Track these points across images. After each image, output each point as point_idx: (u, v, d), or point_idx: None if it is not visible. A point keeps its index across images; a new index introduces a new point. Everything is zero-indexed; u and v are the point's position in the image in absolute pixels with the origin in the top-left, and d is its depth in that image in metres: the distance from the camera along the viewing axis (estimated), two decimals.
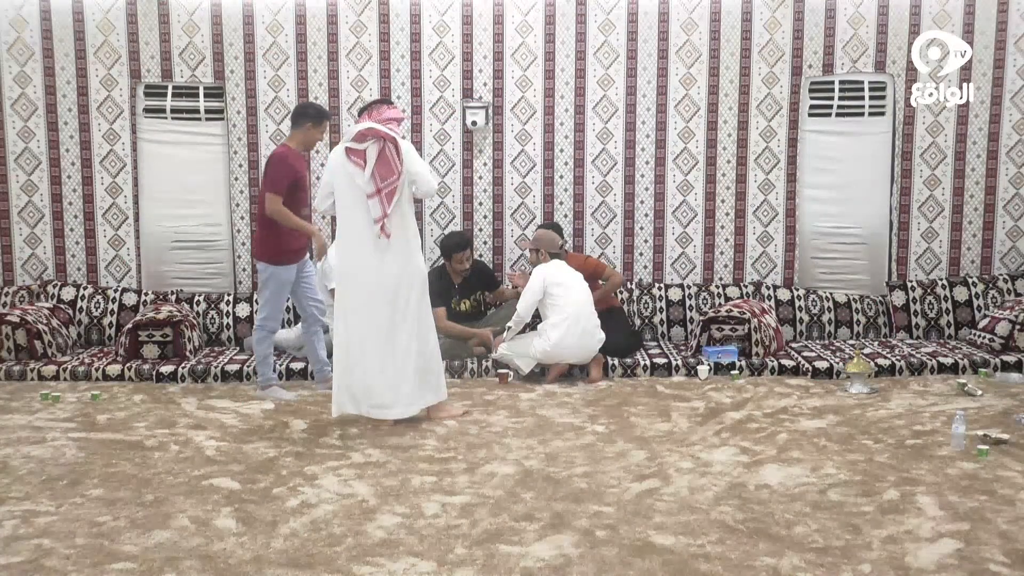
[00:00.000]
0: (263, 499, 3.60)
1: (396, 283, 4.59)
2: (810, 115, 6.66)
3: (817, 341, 6.47)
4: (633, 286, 6.65)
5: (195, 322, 6.31)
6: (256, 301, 6.08)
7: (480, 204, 6.71)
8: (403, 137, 4.91)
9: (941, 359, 5.78)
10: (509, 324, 5.66)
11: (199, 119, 6.61)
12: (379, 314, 4.60)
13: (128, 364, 5.76)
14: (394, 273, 4.59)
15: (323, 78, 6.55)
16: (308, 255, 5.48)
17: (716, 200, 6.71)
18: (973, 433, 4.33)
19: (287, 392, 5.32)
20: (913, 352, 5.99)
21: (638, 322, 6.54)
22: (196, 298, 6.53)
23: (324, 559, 3.05)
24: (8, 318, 5.89)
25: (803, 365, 5.75)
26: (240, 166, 6.56)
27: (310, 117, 5.16)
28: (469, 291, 6.17)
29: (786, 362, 5.79)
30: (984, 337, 6.10)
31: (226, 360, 5.92)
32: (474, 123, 6.49)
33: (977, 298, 6.50)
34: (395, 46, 6.56)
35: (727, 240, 6.75)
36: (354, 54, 6.55)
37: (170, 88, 6.56)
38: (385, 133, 4.55)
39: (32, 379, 5.68)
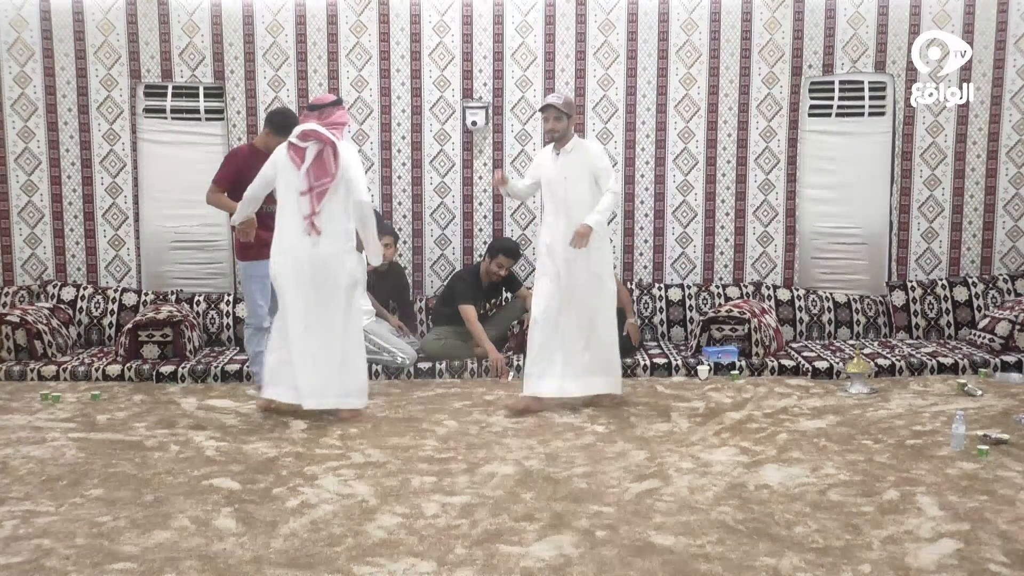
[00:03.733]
0: (263, 499, 3.60)
1: (323, 273, 4.68)
2: (810, 115, 6.66)
3: (817, 341, 6.47)
4: (633, 286, 6.64)
5: (195, 322, 6.30)
6: None
7: (480, 204, 6.70)
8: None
9: (941, 359, 5.78)
10: (605, 206, 4.82)
11: (199, 119, 6.61)
12: (302, 301, 4.70)
13: (128, 364, 5.76)
14: (320, 263, 4.68)
15: (323, 78, 6.55)
16: None
17: (716, 200, 6.71)
18: (973, 433, 4.33)
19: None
20: (913, 352, 5.99)
21: (638, 322, 6.54)
22: (196, 298, 6.53)
23: (324, 559, 3.05)
24: (8, 318, 5.89)
25: (803, 365, 5.75)
26: None
27: (271, 124, 5.20)
28: (491, 295, 6.19)
29: (786, 362, 5.79)
30: (984, 337, 6.10)
31: (226, 360, 5.92)
32: (474, 123, 6.49)
33: (977, 298, 6.50)
34: (395, 46, 6.55)
35: (727, 240, 6.74)
36: (354, 54, 6.55)
37: (170, 88, 6.56)
38: (326, 137, 4.66)
39: (32, 379, 5.68)
